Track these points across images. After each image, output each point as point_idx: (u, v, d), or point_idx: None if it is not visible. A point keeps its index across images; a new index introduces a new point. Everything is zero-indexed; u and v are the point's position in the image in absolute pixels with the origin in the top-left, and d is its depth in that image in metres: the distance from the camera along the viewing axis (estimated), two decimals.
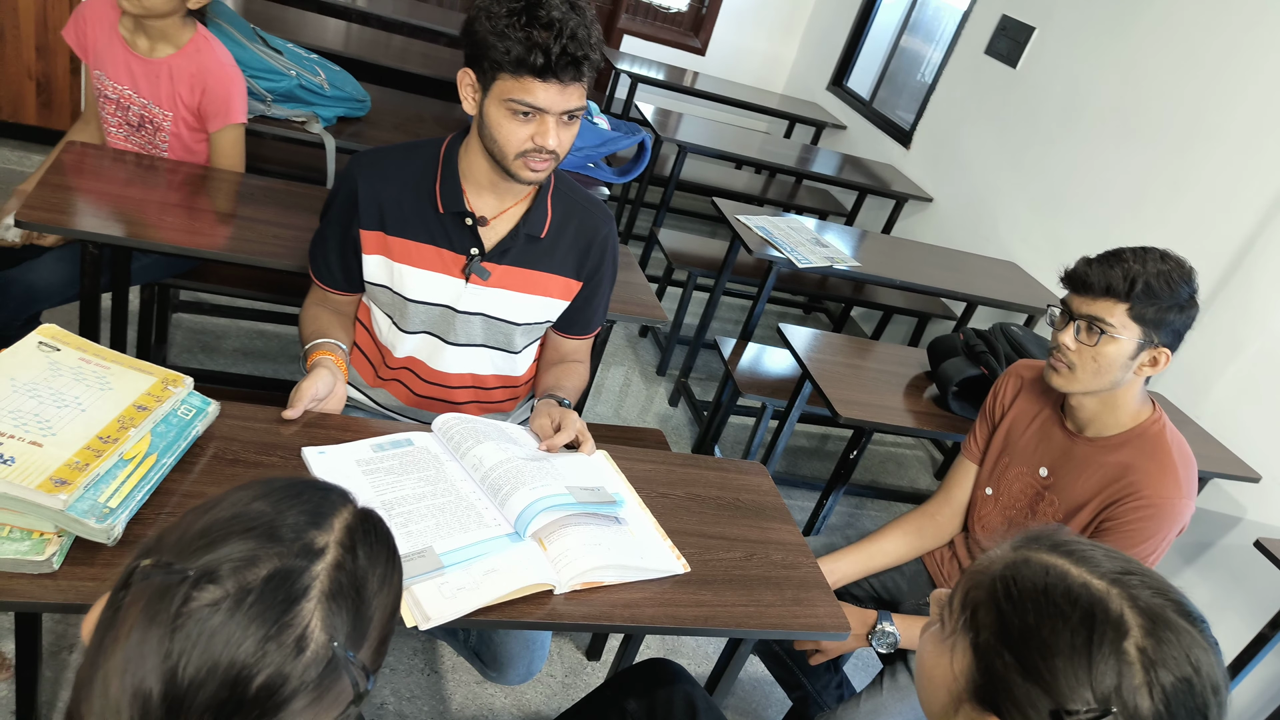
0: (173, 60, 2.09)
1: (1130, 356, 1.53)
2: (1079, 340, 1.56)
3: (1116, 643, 0.75)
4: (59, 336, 1.29)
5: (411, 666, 2.06)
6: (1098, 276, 1.52)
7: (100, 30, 2.09)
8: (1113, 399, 1.60)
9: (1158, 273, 1.48)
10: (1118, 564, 0.81)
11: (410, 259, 1.59)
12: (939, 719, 0.87)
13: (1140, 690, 0.74)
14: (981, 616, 0.82)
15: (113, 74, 2.10)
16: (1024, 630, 0.79)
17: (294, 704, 0.58)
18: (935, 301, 3.97)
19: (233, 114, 2.18)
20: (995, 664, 0.80)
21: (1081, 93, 3.53)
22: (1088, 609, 0.77)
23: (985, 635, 0.81)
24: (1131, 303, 1.49)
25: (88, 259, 1.87)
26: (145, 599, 0.58)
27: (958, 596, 0.87)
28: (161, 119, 2.14)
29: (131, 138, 2.18)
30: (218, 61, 2.13)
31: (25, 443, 1.08)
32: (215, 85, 2.12)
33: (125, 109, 2.14)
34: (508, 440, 1.48)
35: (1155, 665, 0.74)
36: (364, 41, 3.74)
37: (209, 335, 2.96)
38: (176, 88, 2.11)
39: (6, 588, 1.02)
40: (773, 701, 2.32)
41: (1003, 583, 0.82)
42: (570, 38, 1.35)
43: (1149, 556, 1.57)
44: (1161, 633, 0.76)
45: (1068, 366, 1.59)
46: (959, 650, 0.84)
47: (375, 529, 0.69)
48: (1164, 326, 1.51)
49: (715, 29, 5.93)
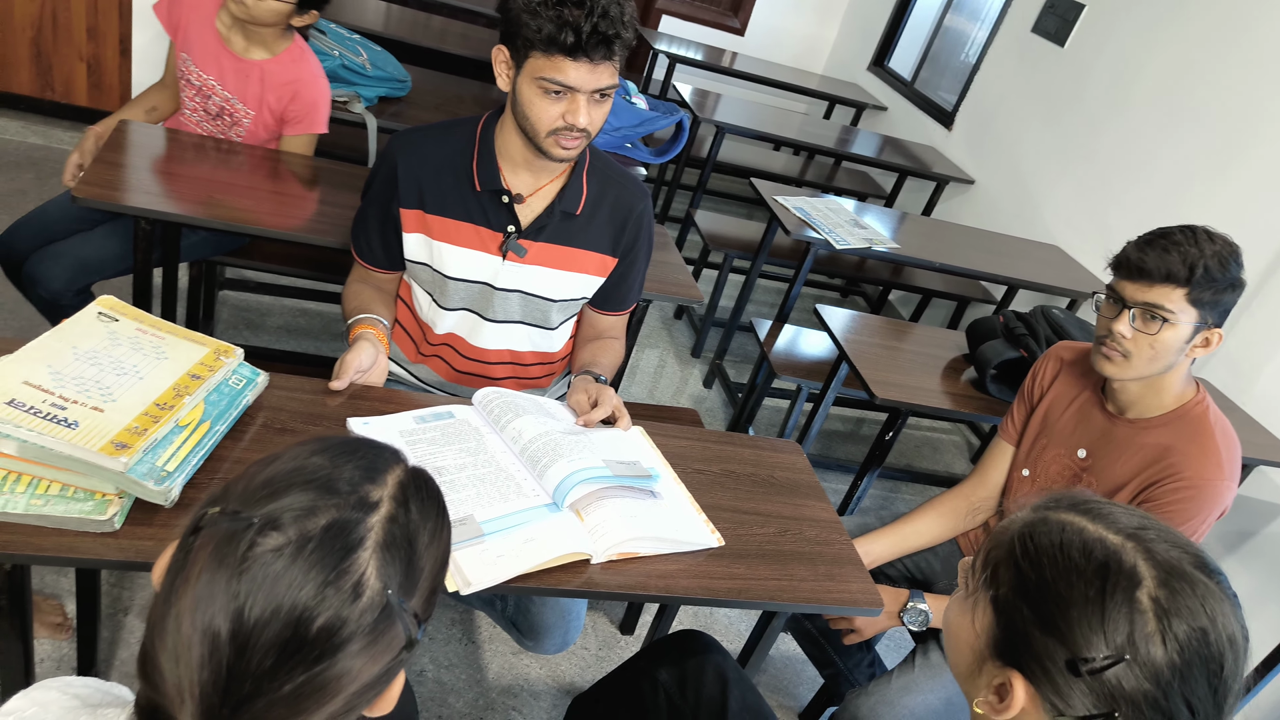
0: (266, 65, 2.15)
1: (1186, 340, 1.50)
2: (1136, 328, 1.51)
3: (1129, 592, 0.76)
4: (117, 308, 1.34)
5: (450, 636, 2.11)
6: (1156, 262, 1.46)
7: (195, 16, 2.14)
8: (1159, 382, 1.58)
9: (1214, 254, 1.44)
10: (1135, 520, 0.82)
11: (449, 237, 1.61)
12: (965, 679, 0.90)
13: (1153, 638, 0.75)
14: (1001, 574, 0.84)
15: (200, 62, 2.15)
16: (1040, 584, 0.80)
17: (350, 646, 0.61)
18: (975, 285, 3.94)
19: (316, 124, 2.25)
20: (1014, 619, 0.82)
21: (1131, 72, 3.47)
22: (1102, 561, 0.78)
23: (1004, 590, 0.83)
24: (1191, 287, 1.45)
25: (140, 234, 1.92)
26: (214, 544, 0.61)
27: (980, 558, 0.89)
28: (242, 115, 2.20)
29: (205, 124, 2.24)
30: (312, 74, 2.20)
31: (88, 408, 1.13)
32: (305, 94, 2.19)
33: (206, 97, 2.19)
34: (546, 414, 1.50)
35: (1169, 614, 0.76)
36: (404, 22, 3.77)
37: (253, 312, 3.02)
38: (265, 92, 2.17)
39: (72, 545, 1.07)
40: (804, 679, 2.34)
41: (1020, 540, 0.84)
42: (601, 16, 1.36)
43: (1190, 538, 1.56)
44: (1175, 583, 0.77)
45: (1123, 355, 1.54)
46: (980, 608, 0.86)
47: (426, 486, 0.72)
48: (1218, 307, 1.48)
49: (755, 9, 5.88)
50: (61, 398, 1.12)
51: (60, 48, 3.50)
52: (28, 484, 1.08)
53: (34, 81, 3.54)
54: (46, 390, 1.12)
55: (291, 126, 2.23)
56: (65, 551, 1.06)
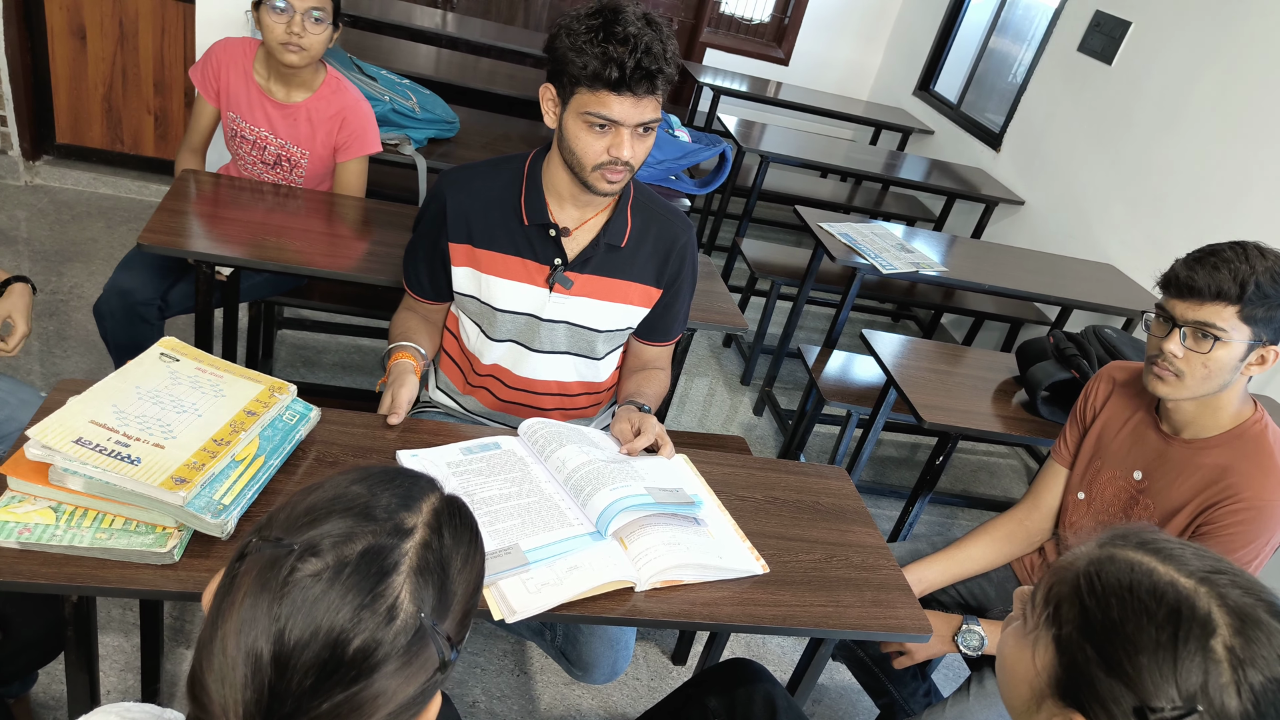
0: (310, 104, 2.23)
1: (1240, 358, 1.47)
2: (1187, 347, 1.49)
3: (1203, 640, 0.74)
4: (178, 348, 1.40)
5: (502, 667, 2.12)
6: (1205, 280, 1.44)
7: (234, 75, 2.22)
8: (1215, 400, 1.55)
9: (1265, 270, 1.42)
10: (1207, 563, 0.80)
11: (497, 270, 1.65)
12: (1020, 715, 0.87)
13: (1228, 689, 0.73)
14: (1065, 611, 0.82)
15: (249, 117, 2.24)
16: (1108, 625, 0.78)
17: (386, 667, 0.63)
18: (1028, 306, 3.88)
19: (367, 145, 2.31)
20: (1078, 658, 0.80)
21: (1181, 87, 3.42)
22: (1174, 606, 0.76)
23: (1068, 630, 0.81)
24: (1243, 305, 1.43)
25: (201, 278, 2.00)
26: (257, 569, 0.64)
27: (1041, 592, 0.87)
28: (299, 157, 2.28)
29: (266, 174, 2.33)
30: (354, 98, 2.27)
31: (149, 445, 1.18)
32: (352, 120, 2.26)
33: (262, 149, 2.28)
34: (589, 444, 1.52)
35: (1244, 664, 0.73)
36: (453, 65, 3.88)
37: (310, 350, 3.11)
38: (315, 129, 2.25)
39: (133, 577, 1.11)
40: (860, 710, 2.30)
41: (1087, 578, 0.82)
42: (645, 52, 1.41)
43: (1251, 562, 1.51)
44: (1251, 632, 0.74)
45: (1175, 374, 1.52)
46: (1041, 645, 0.84)
47: (460, 513, 0.75)
48: (1273, 324, 1.45)
49: (798, 39, 5.92)
50: (125, 435, 1.17)
51: (129, 101, 3.67)
52: (93, 519, 1.14)
53: (105, 135, 3.72)
54: (111, 428, 1.18)
55: (344, 153, 2.29)
56: (127, 583, 1.11)
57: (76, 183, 3.70)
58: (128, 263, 2.20)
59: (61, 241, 3.32)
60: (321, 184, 2.37)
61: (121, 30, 3.49)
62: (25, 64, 3.45)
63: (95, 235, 3.40)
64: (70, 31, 3.46)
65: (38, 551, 1.10)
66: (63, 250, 3.26)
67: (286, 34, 2.07)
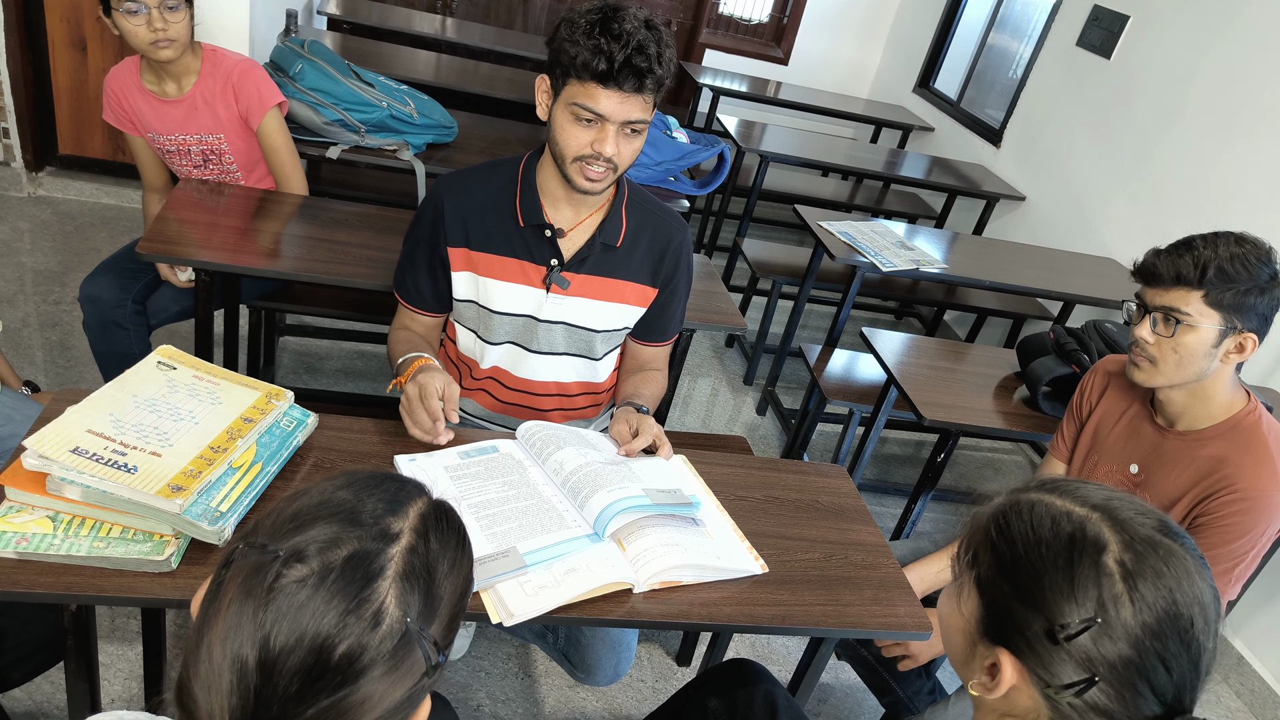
0: (199, 88, 2.19)
1: (1213, 345, 1.49)
2: (1156, 333, 1.53)
3: (1095, 557, 0.79)
4: (175, 356, 1.40)
5: (506, 670, 2.12)
6: (1166, 266, 1.50)
7: (130, 95, 2.19)
8: (1202, 390, 1.56)
9: (1230, 256, 1.45)
10: (1103, 494, 0.85)
11: (494, 272, 1.66)
12: (961, 665, 0.91)
13: (1121, 599, 0.77)
14: (980, 555, 0.87)
15: (161, 129, 2.21)
16: (1015, 559, 0.83)
17: (372, 672, 0.64)
18: (1030, 302, 3.87)
19: (266, 98, 2.24)
20: (996, 596, 0.84)
21: (1181, 81, 3.41)
22: (1069, 531, 0.81)
23: (984, 570, 0.86)
24: (1205, 289, 1.46)
25: (200, 286, 2.01)
26: (243, 576, 0.65)
27: (961, 544, 0.92)
28: (218, 144, 2.25)
29: (204, 176, 2.31)
30: (234, 62, 2.22)
31: (146, 453, 1.18)
32: (243, 84, 2.21)
33: (187, 153, 2.26)
34: (587, 446, 1.52)
35: (1134, 576, 0.78)
36: (453, 70, 3.88)
37: (313, 356, 3.12)
38: (215, 109, 2.21)
39: (132, 585, 1.12)
40: (865, 709, 2.30)
41: (995, 521, 0.87)
42: (636, 50, 1.41)
43: (1248, 552, 1.51)
44: (1140, 547, 0.79)
45: (1149, 360, 1.56)
46: (966, 592, 0.89)
47: (447, 518, 0.75)
48: (1246, 310, 1.46)
49: (797, 38, 5.92)
50: (122, 444, 1.18)
51: None
52: (91, 527, 1.14)
53: (107, 145, 3.73)
54: (108, 437, 1.18)
55: (254, 117, 2.24)
56: (125, 591, 1.11)
57: (79, 193, 3.72)
58: (95, 272, 2.20)
59: (65, 252, 3.33)
60: (258, 166, 2.33)
61: (121, 41, 3.50)
62: (27, 76, 3.47)
63: (98, 245, 3.42)
64: (71, 43, 3.48)
65: (36, 561, 1.10)
66: (66, 261, 3.28)
67: (151, 32, 2.04)
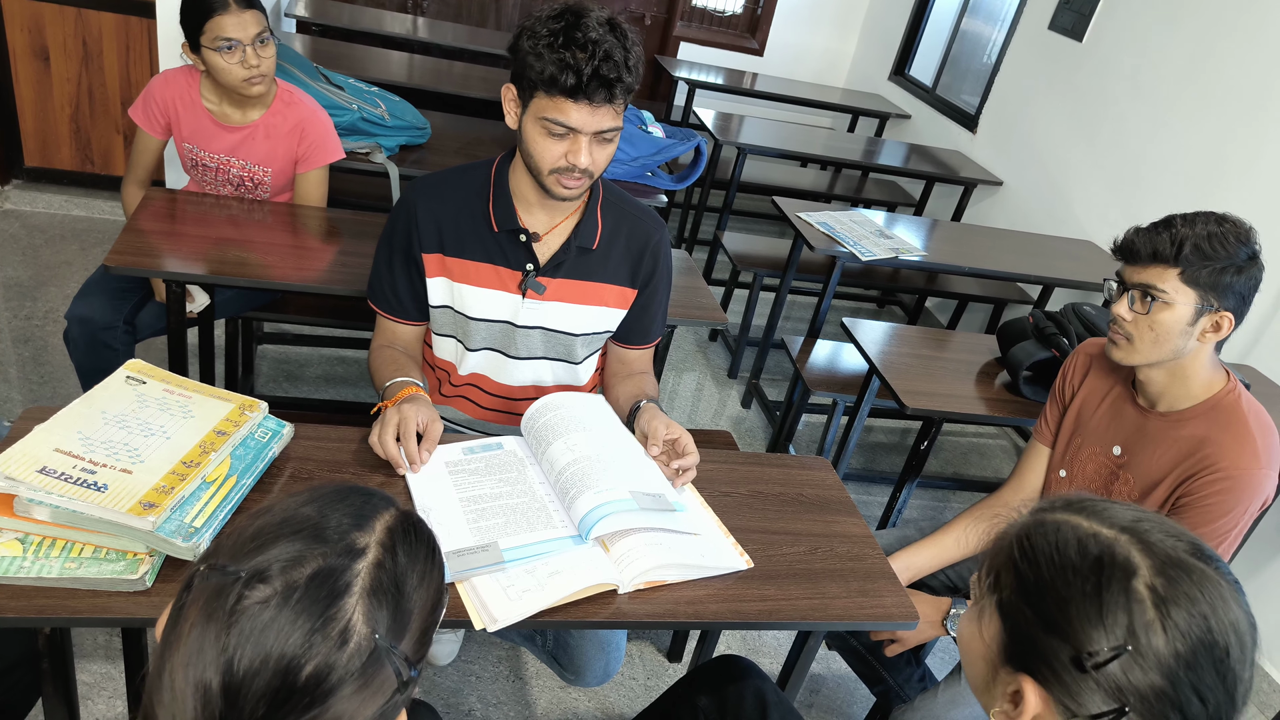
0: (266, 120, 2.19)
1: (1189, 323, 1.49)
2: (1133, 310, 1.53)
3: (1125, 583, 0.76)
4: (145, 370, 1.38)
5: (496, 674, 2.11)
6: (1144, 243, 1.50)
7: (181, 106, 2.17)
8: (1181, 370, 1.56)
9: (1208, 234, 1.45)
10: (1130, 514, 0.82)
11: (469, 278, 1.64)
12: (982, 692, 0.89)
13: (1153, 626, 0.74)
14: (1003, 578, 0.84)
15: (207, 145, 2.20)
16: (1040, 584, 0.80)
17: (341, 691, 0.62)
18: (1011, 287, 3.88)
19: (328, 154, 2.27)
20: (1019, 622, 0.82)
21: (1152, 61, 3.42)
22: (1096, 555, 0.78)
23: (1007, 595, 0.83)
24: (1181, 266, 1.46)
25: (172, 298, 1.98)
26: (204, 599, 0.63)
27: (983, 566, 0.89)
28: (262, 175, 2.24)
29: (230, 194, 2.29)
30: (311, 108, 2.23)
31: (116, 470, 1.16)
32: (310, 130, 2.22)
33: (226, 173, 2.24)
34: (581, 429, 1.49)
35: (1167, 602, 0.75)
36: (426, 70, 3.86)
37: (293, 364, 3.09)
38: (275, 145, 2.20)
39: (105, 606, 1.10)
40: (857, 699, 2.30)
41: (1019, 544, 0.84)
42: (604, 60, 1.38)
43: (1230, 531, 1.52)
44: (1172, 571, 0.76)
45: (1125, 338, 1.57)
46: (987, 616, 0.86)
47: (415, 529, 0.74)
48: (1222, 289, 1.46)
49: (772, 29, 5.91)
50: (91, 462, 1.16)
51: (97, 121, 3.64)
52: (61, 548, 1.12)
53: (74, 156, 3.68)
54: (77, 456, 1.16)
55: (305, 164, 2.25)
56: (100, 612, 1.09)
57: (48, 206, 3.67)
58: (85, 290, 2.16)
59: (35, 266, 3.29)
60: (281, 195, 2.34)
61: (85, 50, 3.46)
62: None
63: (70, 258, 3.37)
64: (33, 53, 3.43)
65: (5, 585, 1.08)
66: (37, 275, 3.23)
67: (246, 70, 2.04)
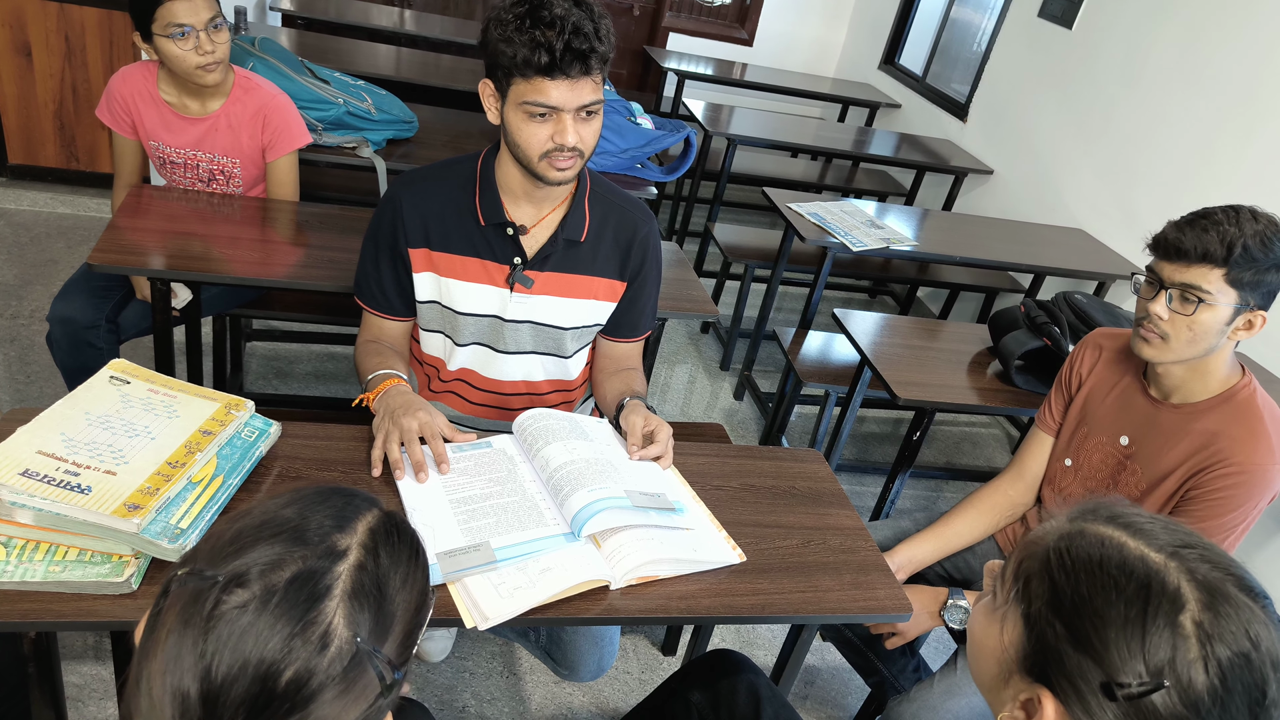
0: (226, 109, 2.15)
1: (1226, 322, 1.46)
2: (1172, 309, 1.48)
3: (1172, 615, 0.73)
4: (129, 370, 1.36)
5: (490, 670, 2.10)
6: (1193, 242, 1.43)
7: (142, 104, 2.13)
8: (1203, 365, 1.54)
9: (1255, 234, 1.40)
10: (1177, 537, 0.79)
11: (456, 273, 1.62)
12: (989, 690, 0.87)
13: (1195, 664, 0.72)
14: (1034, 587, 0.81)
15: (171, 140, 2.16)
16: (1077, 601, 0.77)
17: (322, 696, 0.61)
18: (1002, 276, 3.88)
19: (294, 139, 2.22)
20: (1046, 634, 0.79)
21: (1141, 48, 3.41)
22: (1143, 581, 0.75)
23: (1038, 605, 0.80)
24: (1229, 268, 1.42)
25: (157, 295, 1.96)
26: (180, 604, 0.62)
27: (1010, 567, 0.86)
28: (232, 167, 2.21)
29: (204, 189, 2.26)
30: (270, 93, 2.19)
31: (100, 472, 1.15)
32: (274, 116, 2.18)
33: (194, 168, 2.21)
34: (578, 437, 1.49)
35: (1212, 639, 0.72)
36: (414, 64, 3.83)
37: (282, 361, 3.07)
38: (238, 134, 2.17)
39: (91, 609, 1.08)
40: (852, 690, 2.30)
41: (1056, 554, 0.81)
42: (573, 32, 1.37)
43: (1238, 526, 1.51)
44: (1220, 606, 0.73)
45: (1160, 337, 1.51)
46: (1010, 621, 0.83)
47: (398, 530, 0.72)
48: (1260, 288, 1.43)
49: (761, 19, 5.89)
50: (75, 464, 1.14)
51: (82, 117, 3.61)
52: (45, 551, 1.10)
53: (59, 153, 3.65)
54: (60, 458, 1.15)
55: (272, 151, 2.21)
56: (85, 615, 1.08)
57: (33, 203, 3.64)
58: (66, 290, 2.13)
59: (21, 264, 3.26)
60: (255, 188, 2.30)
61: (68, 45, 3.43)
62: None
63: (55, 256, 3.35)
64: (15, 49, 3.39)
65: None
66: (23, 273, 3.21)
67: (200, 56, 1.99)
